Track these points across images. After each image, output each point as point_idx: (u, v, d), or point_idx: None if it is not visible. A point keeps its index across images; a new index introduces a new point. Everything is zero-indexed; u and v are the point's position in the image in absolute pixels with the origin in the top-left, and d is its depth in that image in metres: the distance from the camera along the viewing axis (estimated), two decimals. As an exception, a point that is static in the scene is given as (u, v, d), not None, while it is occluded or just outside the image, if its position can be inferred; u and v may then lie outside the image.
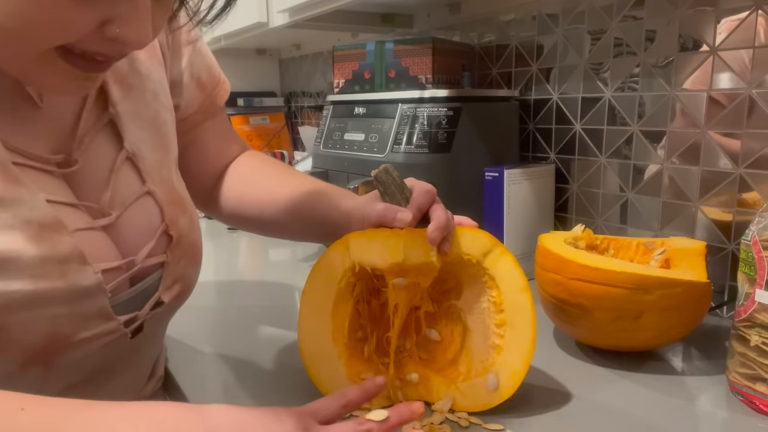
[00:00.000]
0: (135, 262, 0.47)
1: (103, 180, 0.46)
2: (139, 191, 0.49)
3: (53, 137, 0.44)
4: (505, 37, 1.06)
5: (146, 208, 0.49)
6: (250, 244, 1.29)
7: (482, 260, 0.55)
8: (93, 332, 0.43)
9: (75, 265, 0.41)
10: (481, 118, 0.94)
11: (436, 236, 0.53)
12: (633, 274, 0.59)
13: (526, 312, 0.54)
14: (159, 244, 0.49)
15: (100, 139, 0.47)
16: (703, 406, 0.56)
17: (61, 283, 0.40)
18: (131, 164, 0.48)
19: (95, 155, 0.46)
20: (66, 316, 0.40)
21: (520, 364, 0.54)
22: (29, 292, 0.38)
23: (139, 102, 0.50)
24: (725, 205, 0.76)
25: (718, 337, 0.71)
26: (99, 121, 0.47)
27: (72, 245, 0.41)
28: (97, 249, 0.44)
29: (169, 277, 0.50)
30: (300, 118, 1.97)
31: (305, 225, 0.65)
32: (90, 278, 0.42)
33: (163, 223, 0.50)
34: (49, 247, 0.39)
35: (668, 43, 0.81)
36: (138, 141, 0.49)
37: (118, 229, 0.47)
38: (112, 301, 0.44)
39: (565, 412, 0.55)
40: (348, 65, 1.12)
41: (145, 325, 0.48)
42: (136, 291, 0.47)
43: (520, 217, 0.92)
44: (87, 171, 0.45)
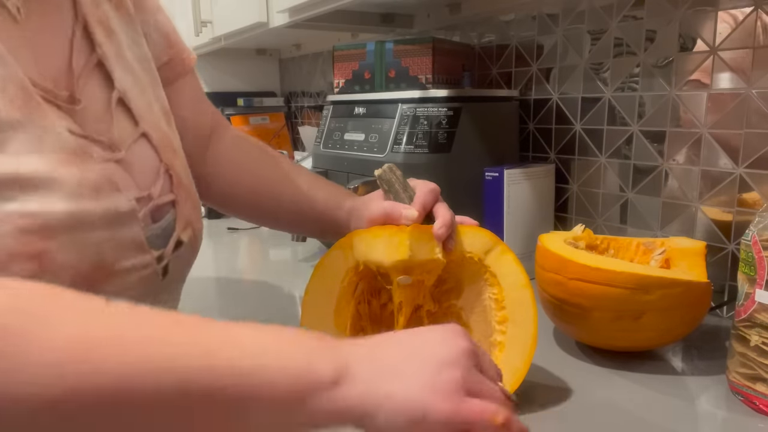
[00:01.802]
0: (152, 195, 0.48)
1: (104, 120, 0.47)
2: (135, 133, 0.50)
3: (52, 73, 0.44)
4: (505, 37, 1.06)
5: (144, 149, 0.50)
6: (250, 244, 1.29)
7: (484, 258, 0.56)
8: (131, 262, 0.44)
9: (108, 190, 0.42)
10: (481, 118, 0.94)
11: (443, 233, 0.54)
12: (633, 274, 0.59)
13: (527, 308, 0.55)
14: (165, 182, 0.51)
15: (94, 80, 0.48)
16: (703, 406, 0.56)
17: (99, 207, 0.41)
18: (123, 106, 0.49)
19: (92, 95, 0.47)
20: (107, 242, 0.41)
21: (522, 359, 0.54)
22: (69, 214, 0.39)
23: (121, 46, 0.51)
24: (725, 205, 0.76)
25: (718, 337, 0.71)
26: (89, 61, 0.47)
27: (102, 172, 0.42)
28: (121, 180, 0.45)
29: (182, 218, 0.51)
30: (300, 118, 1.97)
31: (302, 221, 0.66)
32: (125, 204, 0.43)
33: (162, 163, 0.51)
34: (81, 172, 0.40)
35: (668, 43, 0.81)
36: (126, 83, 0.50)
37: (129, 165, 0.47)
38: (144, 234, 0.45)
39: (565, 411, 0.55)
40: (348, 65, 1.12)
41: (170, 267, 0.49)
42: (159, 228, 0.48)
43: (520, 217, 0.92)
44: (89, 110, 0.46)
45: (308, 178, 0.68)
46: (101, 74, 0.48)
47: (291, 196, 0.66)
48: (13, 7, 0.43)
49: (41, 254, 0.38)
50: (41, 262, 0.38)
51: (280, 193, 0.66)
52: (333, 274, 0.56)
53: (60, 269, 0.39)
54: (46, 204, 0.38)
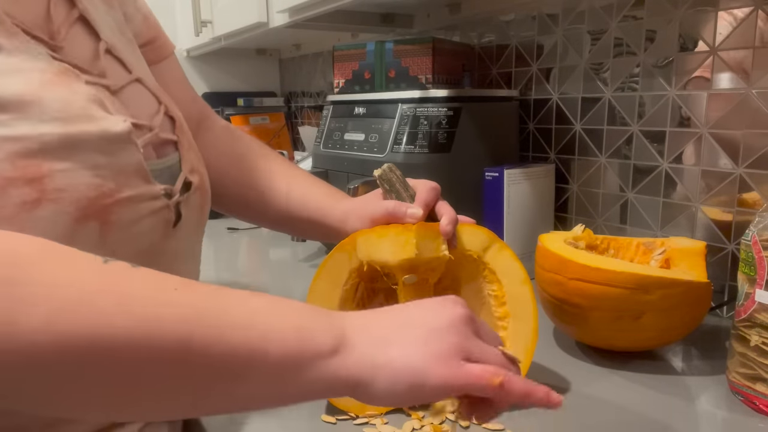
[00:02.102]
0: (152, 126, 0.47)
1: (91, 59, 0.46)
2: (129, 77, 0.48)
3: (30, 19, 0.43)
4: (505, 37, 1.06)
5: (140, 91, 0.49)
6: (250, 244, 1.29)
7: (482, 255, 0.56)
8: (138, 191, 0.42)
9: (99, 111, 0.41)
10: (481, 118, 0.94)
11: (450, 229, 0.54)
12: (633, 274, 0.59)
13: (527, 303, 0.55)
14: (165, 122, 0.50)
15: (76, 31, 0.46)
16: (703, 406, 0.56)
17: (92, 127, 0.40)
18: (112, 56, 0.48)
19: (76, 43, 0.46)
20: (106, 167, 0.40)
21: (523, 354, 0.55)
22: (61, 135, 0.38)
23: (99, 9, 0.50)
24: (725, 205, 0.76)
25: (718, 337, 0.71)
26: (70, 15, 0.46)
27: (90, 92, 0.41)
28: (112, 105, 0.43)
29: (187, 162, 0.50)
30: (300, 118, 1.97)
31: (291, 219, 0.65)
32: (119, 125, 0.42)
33: (161, 104, 0.50)
34: (69, 93, 0.39)
35: (668, 43, 0.81)
36: (112, 38, 0.49)
37: (123, 98, 0.46)
38: (146, 165, 0.44)
39: (565, 411, 0.55)
40: (348, 65, 1.12)
41: (183, 213, 0.48)
42: (163, 164, 0.47)
43: (520, 217, 0.92)
44: (73, 53, 0.45)
45: (301, 177, 0.67)
46: (84, 29, 0.47)
47: (281, 193, 0.65)
48: None
49: (40, 178, 0.37)
50: (41, 187, 0.37)
51: (269, 188, 0.66)
52: (335, 276, 0.56)
53: (61, 194, 0.37)
54: (37, 126, 0.37)
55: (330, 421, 0.54)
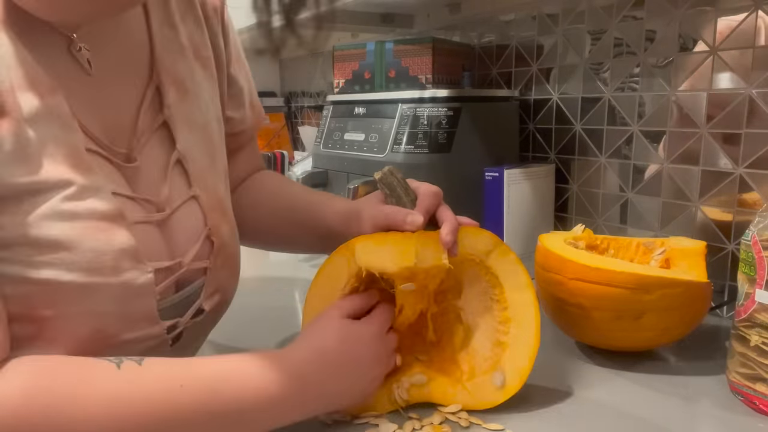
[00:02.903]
0: (182, 263, 0.47)
1: (158, 179, 0.47)
2: (186, 194, 0.49)
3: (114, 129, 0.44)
4: (505, 37, 1.06)
5: (192, 211, 0.50)
6: (250, 244, 1.29)
7: (485, 259, 0.56)
8: (137, 335, 0.43)
9: (128, 261, 0.41)
10: (481, 118, 0.94)
11: (450, 239, 0.52)
12: (633, 274, 0.59)
13: (529, 308, 0.55)
14: (203, 248, 0.50)
15: (155, 140, 0.47)
16: (703, 406, 0.56)
17: (114, 280, 0.40)
18: (181, 167, 0.49)
19: (151, 155, 0.47)
20: (114, 315, 0.41)
21: (525, 360, 0.54)
22: (81, 285, 0.38)
23: (192, 107, 0.51)
24: (725, 205, 0.76)
25: (718, 337, 0.71)
26: (155, 121, 0.47)
27: (128, 239, 0.41)
28: (150, 245, 0.44)
29: (211, 285, 0.51)
30: (300, 118, 1.97)
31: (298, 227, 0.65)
32: (142, 277, 0.42)
33: (206, 227, 0.50)
34: (104, 241, 0.40)
35: (668, 43, 0.81)
36: (189, 145, 0.50)
37: (169, 228, 0.47)
38: (159, 305, 0.45)
39: (565, 412, 0.55)
40: (348, 65, 1.12)
41: (184, 334, 0.49)
42: (180, 297, 0.47)
43: (520, 217, 0.92)
44: (144, 170, 0.46)
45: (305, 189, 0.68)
46: (164, 134, 0.48)
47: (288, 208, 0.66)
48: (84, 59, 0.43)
49: (43, 320, 0.38)
50: (41, 328, 0.38)
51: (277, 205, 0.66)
52: (334, 280, 0.55)
53: (58, 336, 0.38)
54: (61, 274, 0.37)
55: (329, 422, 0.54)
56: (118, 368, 0.37)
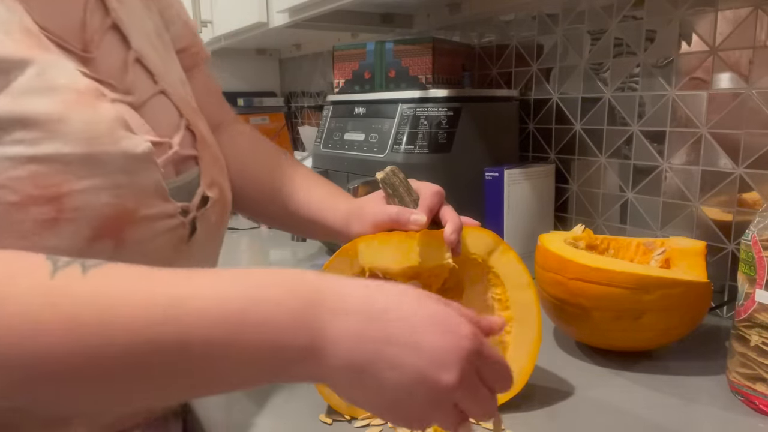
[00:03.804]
0: (172, 145, 0.47)
1: (120, 71, 0.46)
2: (154, 89, 0.49)
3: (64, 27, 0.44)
4: (505, 37, 1.06)
5: (164, 104, 0.50)
6: (250, 244, 1.29)
7: (487, 258, 0.56)
8: (154, 210, 0.43)
9: (122, 131, 0.41)
10: (481, 118, 0.94)
11: (454, 238, 0.53)
12: (633, 274, 0.59)
13: (531, 308, 0.55)
14: (186, 137, 0.50)
15: (108, 40, 0.47)
16: (703, 406, 0.56)
17: (114, 148, 0.40)
18: (141, 66, 0.49)
19: (107, 52, 0.46)
20: (126, 187, 0.41)
21: (527, 359, 0.54)
22: (84, 155, 0.38)
23: (132, 15, 0.50)
24: (725, 205, 0.76)
25: (718, 337, 0.71)
26: (103, 23, 0.47)
27: (114, 111, 0.41)
28: (134, 123, 0.44)
29: (206, 175, 0.50)
30: (300, 118, 1.97)
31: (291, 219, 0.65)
32: (141, 145, 0.42)
33: (182, 118, 0.50)
34: (93, 113, 0.40)
35: (668, 43, 0.81)
36: (144, 47, 0.50)
37: (145, 113, 0.47)
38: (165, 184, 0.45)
39: (566, 411, 0.55)
40: (348, 65, 1.12)
41: (198, 227, 0.48)
42: (182, 181, 0.47)
43: (520, 217, 0.92)
44: (103, 63, 0.45)
45: (305, 176, 0.67)
46: (116, 36, 0.48)
47: (283, 193, 0.65)
48: None
49: (59, 198, 0.37)
50: (60, 206, 0.37)
51: (272, 189, 0.66)
52: None
53: (78, 213, 0.38)
54: (61, 147, 0.37)
55: (329, 422, 0.54)
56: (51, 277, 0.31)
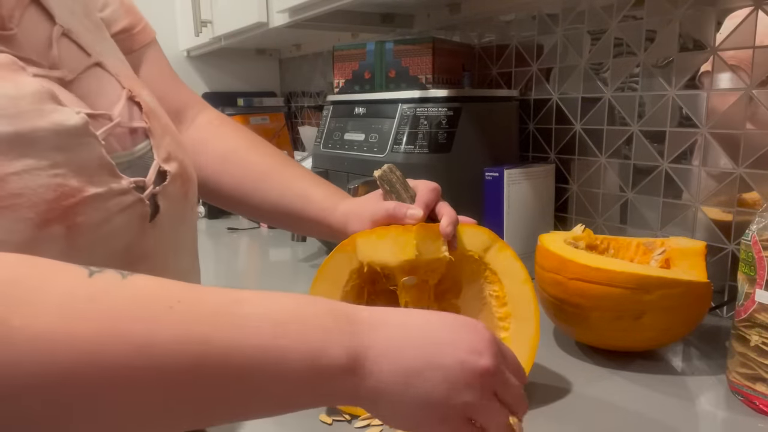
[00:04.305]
0: (111, 117, 0.44)
1: (44, 47, 0.43)
2: (87, 62, 0.45)
3: None
4: (505, 37, 1.06)
5: (100, 75, 0.46)
6: (250, 245, 1.29)
7: (483, 255, 0.56)
8: (103, 188, 0.39)
9: (50, 104, 0.38)
10: (481, 118, 0.94)
11: (450, 230, 0.54)
12: (633, 274, 0.59)
13: (528, 303, 0.55)
14: (130, 108, 0.46)
15: (30, 16, 0.43)
16: (703, 406, 0.56)
17: (43, 123, 0.37)
18: (69, 40, 0.45)
19: (29, 28, 0.42)
20: (65, 165, 0.37)
21: (526, 354, 0.54)
22: (10, 134, 0.35)
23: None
24: (725, 205, 0.76)
25: (718, 337, 0.71)
26: None
27: (38, 84, 0.38)
28: (64, 96, 0.40)
29: (160, 149, 0.47)
30: (300, 118, 1.97)
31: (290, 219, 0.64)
32: (73, 118, 0.38)
33: (124, 89, 0.47)
34: (13, 87, 0.36)
35: (668, 43, 0.81)
36: (70, 21, 0.46)
37: (79, 90, 0.43)
38: (112, 158, 0.41)
39: (565, 411, 0.55)
40: (348, 65, 1.12)
41: (160, 204, 0.45)
42: (132, 155, 0.44)
43: (520, 217, 0.92)
44: (24, 39, 0.41)
45: (301, 175, 0.66)
46: (39, 12, 0.44)
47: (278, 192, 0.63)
48: None
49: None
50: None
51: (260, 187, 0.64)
52: (335, 278, 0.55)
53: (17, 200, 0.35)
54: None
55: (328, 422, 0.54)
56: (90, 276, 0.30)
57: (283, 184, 0.64)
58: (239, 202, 0.65)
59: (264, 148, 0.67)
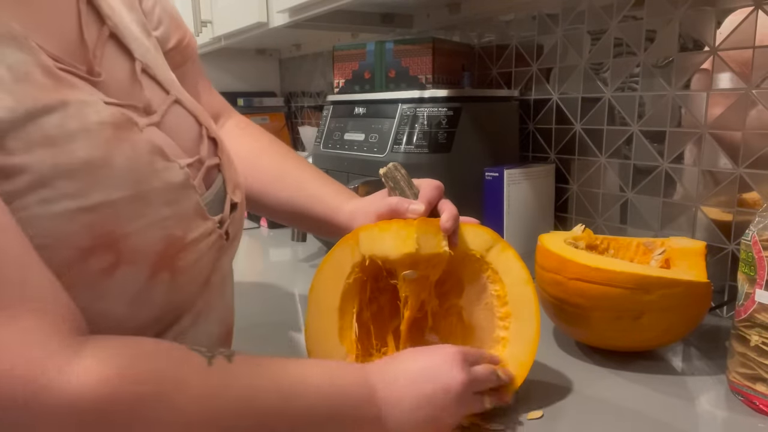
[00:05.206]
0: (203, 160, 0.47)
1: (130, 88, 0.45)
2: (168, 99, 0.47)
3: (66, 47, 0.41)
4: (505, 37, 1.06)
5: (181, 113, 0.49)
6: (250, 244, 1.29)
7: (485, 255, 0.57)
8: (198, 232, 0.43)
9: (160, 162, 0.41)
10: (481, 118, 0.94)
11: (450, 225, 0.55)
12: (633, 274, 0.59)
13: (529, 303, 0.55)
14: (210, 146, 0.50)
15: (110, 53, 0.45)
16: (703, 406, 0.56)
17: (157, 183, 0.40)
18: (148, 76, 0.47)
19: (113, 68, 0.44)
20: (173, 217, 0.41)
21: (526, 354, 0.55)
22: (133, 197, 0.38)
23: (124, 21, 0.48)
24: (725, 205, 0.76)
25: (718, 337, 0.71)
26: (101, 34, 0.44)
27: (150, 142, 0.41)
28: (167, 146, 0.43)
29: (230, 181, 0.51)
30: (300, 118, 1.97)
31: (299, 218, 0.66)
32: (178, 174, 0.42)
33: (201, 127, 0.50)
34: (131, 148, 0.39)
35: (668, 43, 0.81)
36: (144, 54, 0.48)
37: (169, 130, 0.46)
38: (201, 201, 0.44)
39: (565, 411, 0.55)
40: (348, 65, 1.12)
41: (230, 233, 0.49)
42: (212, 194, 0.47)
43: (520, 217, 0.92)
44: (112, 81, 0.43)
45: (310, 174, 0.67)
46: (116, 46, 0.46)
47: (290, 193, 0.65)
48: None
49: (116, 242, 0.37)
50: (118, 251, 0.37)
51: (281, 188, 0.66)
52: (338, 270, 0.56)
53: (137, 254, 0.38)
54: (111, 193, 0.37)
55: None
56: (209, 365, 0.37)
57: (295, 185, 0.66)
58: (255, 203, 0.67)
59: (278, 149, 0.70)
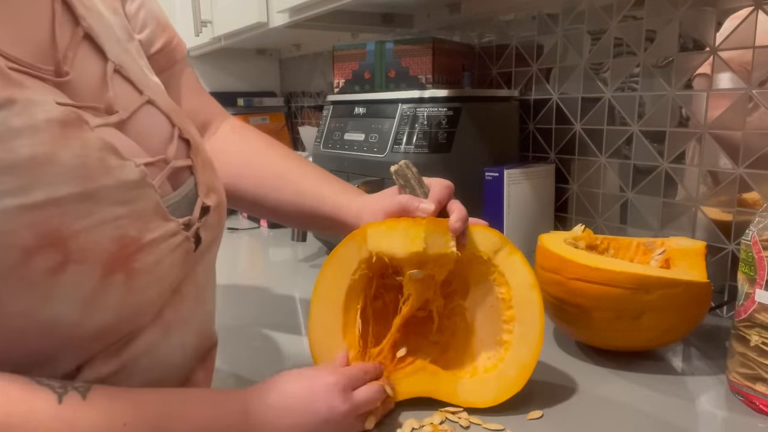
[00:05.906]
0: (167, 160, 0.46)
1: (99, 87, 0.44)
2: (139, 100, 0.47)
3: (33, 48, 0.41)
4: (505, 37, 1.06)
5: (152, 113, 0.48)
6: (250, 244, 1.29)
7: (493, 257, 0.56)
8: (158, 233, 0.42)
9: (113, 159, 0.40)
10: (481, 118, 0.94)
11: (459, 226, 0.55)
12: (633, 274, 0.59)
13: (534, 308, 0.55)
14: (180, 148, 0.49)
15: (83, 53, 0.44)
16: (703, 406, 0.56)
17: (109, 181, 0.39)
18: (121, 76, 0.47)
19: (83, 68, 0.44)
20: (127, 217, 0.40)
21: (528, 358, 0.54)
22: (81, 195, 0.37)
23: (101, 22, 0.48)
24: (725, 205, 0.76)
25: (718, 337, 0.71)
26: (75, 35, 0.44)
27: (101, 140, 0.40)
28: (123, 146, 0.42)
29: (203, 184, 0.49)
30: (300, 118, 1.97)
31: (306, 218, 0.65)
32: (133, 172, 0.41)
33: (174, 127, 0.49)
34: (80, 146, 0.38)
35: (668, 43, 0.81)
36: (119, 55, 0.47)
37: (134, 131, 0.45)
38: (164, 203, 0.43)
39: (565, 411, 0.55)
40: (348, 65, 1.12)
41: (201, 236, 0.48)
42: (180, 195, 0.46)
43: (520, 217, 0.92)
44: (80, 82, 0.43)
45: (313, 173, 0.67)
46: (91, 47, 0.45)
47: (293, 193, 0.65)
48: None
49: (64, 241, 0.36)
50: (65, 250, 0.36)
51: (280, 188, 0.65)
52: (344, 266, 0.56)
53: (87, 254, 0.37)
54: (55, 190, 0.36)
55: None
56: (59, 402, 0.36)
57: (298, 185, 0.65)
58: (257, 205, 0.67)
59: (279, 150, 0.69)
